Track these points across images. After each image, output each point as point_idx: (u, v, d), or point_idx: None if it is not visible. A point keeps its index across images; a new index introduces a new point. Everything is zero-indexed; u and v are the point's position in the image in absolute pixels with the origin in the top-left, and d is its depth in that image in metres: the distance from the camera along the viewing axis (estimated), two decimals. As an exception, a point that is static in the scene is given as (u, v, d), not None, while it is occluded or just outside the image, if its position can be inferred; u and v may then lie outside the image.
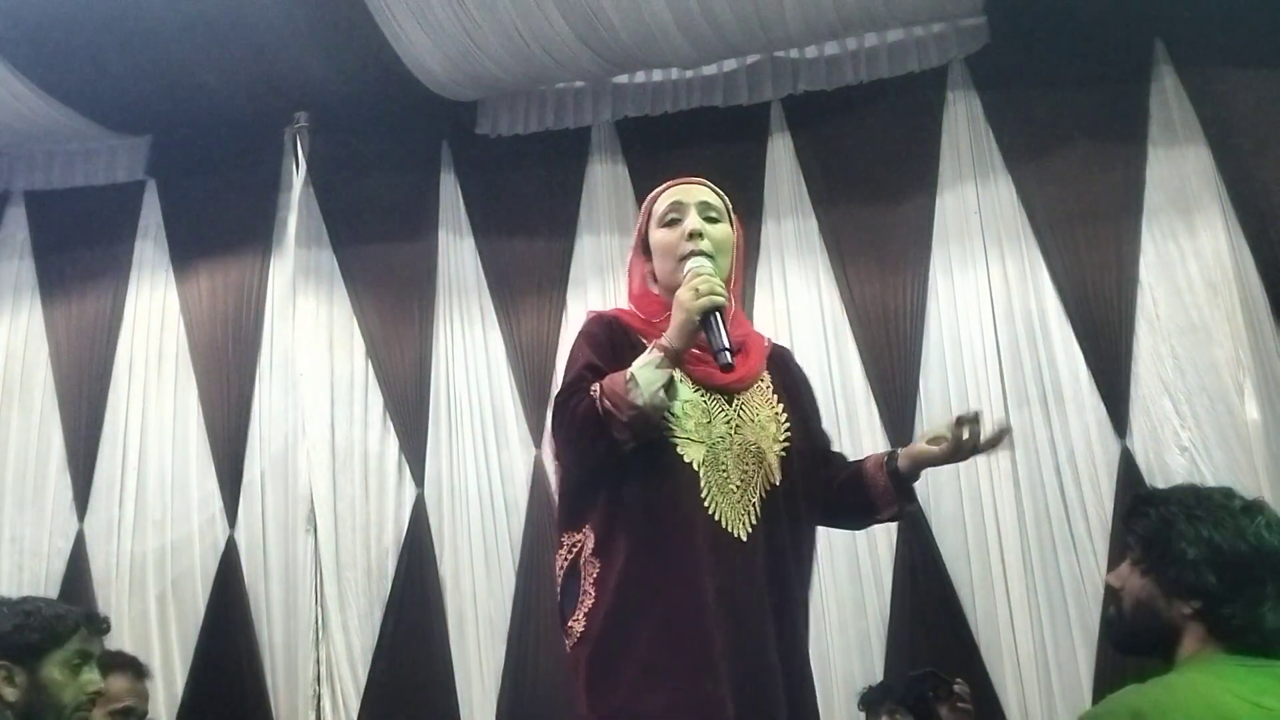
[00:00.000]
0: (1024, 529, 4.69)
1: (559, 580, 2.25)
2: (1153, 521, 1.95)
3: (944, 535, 4.78)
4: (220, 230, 5.70)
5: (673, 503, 2.17)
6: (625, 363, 2.19)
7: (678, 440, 2.20)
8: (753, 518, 2.20)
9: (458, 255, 5.58)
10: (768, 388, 2.38)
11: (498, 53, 5.07)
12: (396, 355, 5.47)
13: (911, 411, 4.91)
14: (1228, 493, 1.98)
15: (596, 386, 2.14)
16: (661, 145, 5.39)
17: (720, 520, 2.17)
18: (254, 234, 5.69)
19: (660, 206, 2.39)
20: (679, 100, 5.51)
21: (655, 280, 2.39)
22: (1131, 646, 1.98)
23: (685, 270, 2.25)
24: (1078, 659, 4.52)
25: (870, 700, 4.08)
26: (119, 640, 5.19)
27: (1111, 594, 2.03)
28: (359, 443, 5.37)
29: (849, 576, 4.83)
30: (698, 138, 5.38)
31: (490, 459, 5.28)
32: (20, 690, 2.34)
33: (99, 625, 2.66)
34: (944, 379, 4.94)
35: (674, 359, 2.15)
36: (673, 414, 2.19)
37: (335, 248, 5.62)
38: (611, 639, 2.11)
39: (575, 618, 2.17)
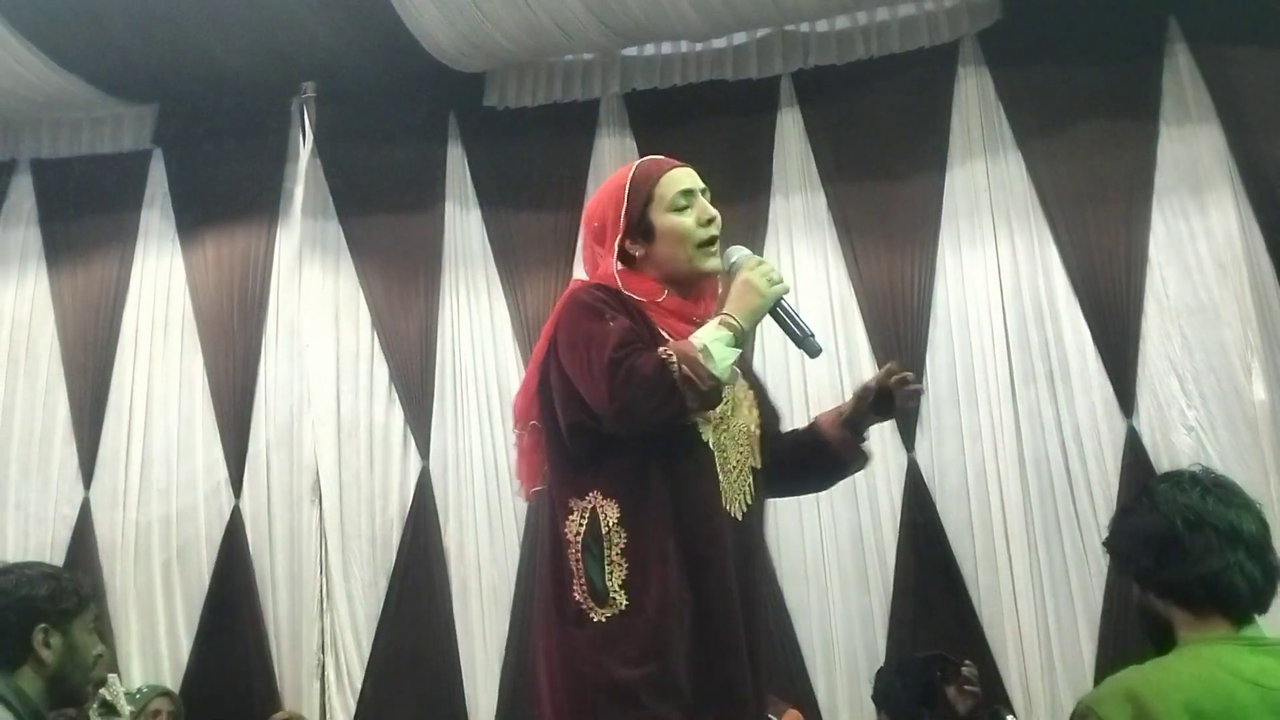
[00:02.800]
0: (1029, 506, 4.70)
1: (571, 545, 2.18)
2: (1110, 539, 2.05)
3: (948, 511, 4.79)
4: (226, 200, 5.69)
5: (697, 483, 2.18)
6: (642, 338, 2.17)
7: (698, 420, 2.19)
8: (747, 498, 2.24)
9: (464, 227, 5.57)
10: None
11: (506, 24, 5.04)
12: (402, 327, 5.46)
13: (918, 389, 4.90)
14: (1164, 475, 2.07)
15: (668, 351, 2.09)
16: (670, 118, 5.36)
17: (724, 501, 2.20)
18: (260, 204, 5.68)
19: (666, 190, 2.32)
20: (688, 73, 5.47)
21: (647, 264, 2.31)
22: (1156, 646, 2.01)
23: (731, 259, 2.28)
24: (1080, 634, 4.54)
25: (879, 696, 4.11)
26: (124, 608, 5.24)
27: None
28: (364, 414, 5.38)
29: (852, 550, 4.85)
30: (706, 111, 5.35)
31: (495, 431, 5.29)
32: (55, 653, 2.37)
33: (98, 591, 2.70)
34: (951, 356, 4.93)
35: (741, 340, 2.15)
36: None
37: (341, 218, 5.61)
38: (668, 615, 2.10)
39: (613, 587, 2.13)
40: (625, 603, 2.11)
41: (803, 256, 5.18)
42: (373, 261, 5.56)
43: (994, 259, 4.96)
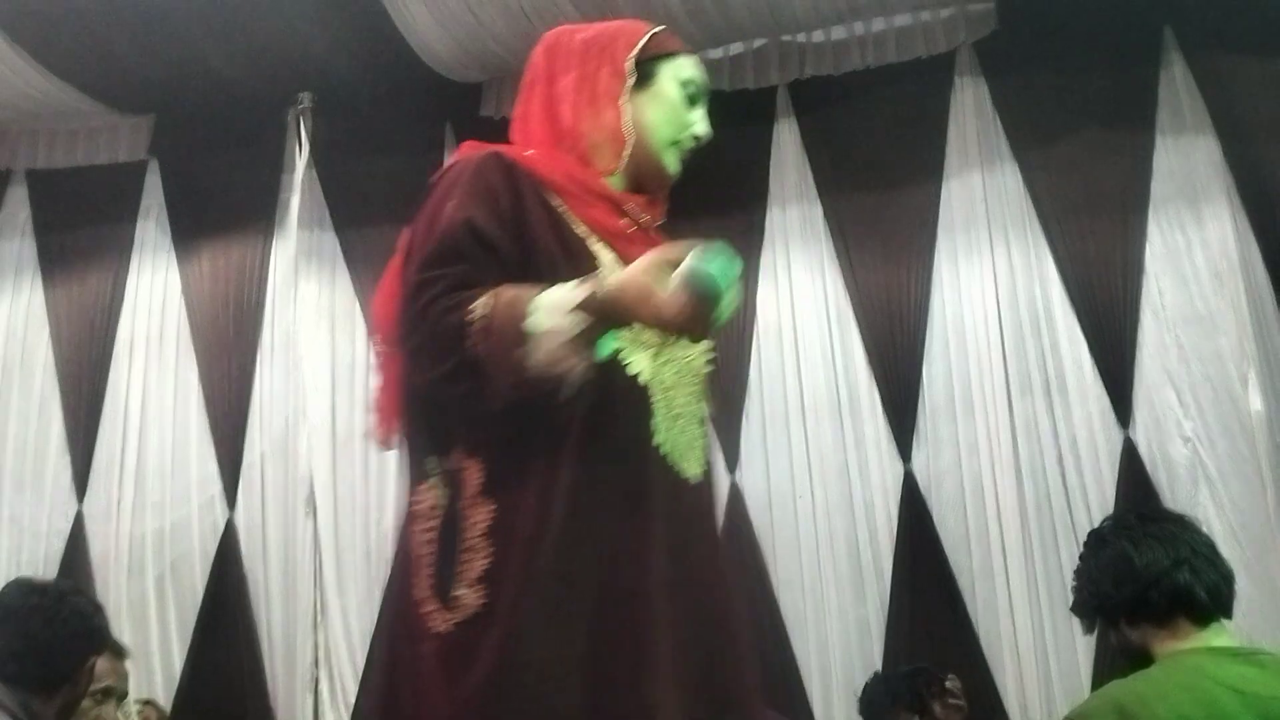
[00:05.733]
0: (1025, 518, 4.69)
1: (423, 521, 1.60)
2: (1076, 600, 2.14)
3: (945, 523, 4.77)
4: (222, 211, 5.69)
5: (613, 428, 1.59)
6: (528, 240, 1.61)
7: (623, 343, 1.60)
8: (702, 454, 1.70)
9: (460, 238, 5.55)
10: None
11: (503, 33, 5.04)
12: (398, 339, 5.44)
13: (914, 399, 4.90)
14: (1110, 516, 2.25)
15: (481, 307, 1.48)
16: (666, 128, 5.35)
17: (667, 455, 1.63)
18: (256, 215, 5.67)
19: (686, 69, 1.85)
20: (684, 83, 5.47)
21: (588, 115, 1.81)
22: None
23: (696, 269, 1.44)
24: (1076, 648, 4.51)
25: (864, 712, 4.09)
26: (117, 622, 5.20)
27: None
28: (360, 426, 5.35)
29: (849, 563, 4.83)
30: (703, 122, 5.34)
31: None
32: (84, 683, 2.38)
33: None
34: (947, 367, 4.92)
35: (602, 325, 1.49)
36: None
37: (338, 229, 5.60)
38: (539, 616, 1.50)
39: (460, 586, 1.52)
40: (478, 604, 1.51)
41: (799, 267, 5.17)
42: (369, 273, 5.54)
43: (990, 269, 4.95)
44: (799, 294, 5.13)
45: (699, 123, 1.84)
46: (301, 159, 5.63)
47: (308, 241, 5.56)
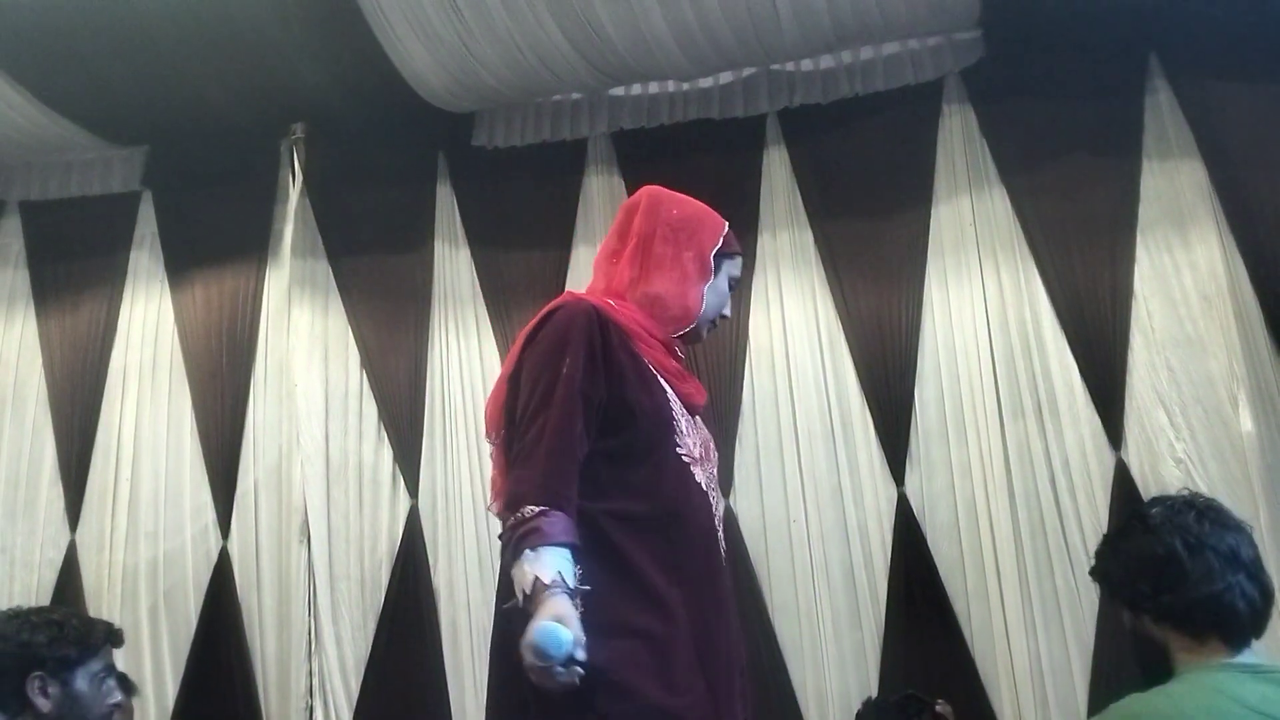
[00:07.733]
0: (1019, 541, 4.69)
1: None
2: (1098, 565, 2.07)
3: (939, 547, 4.78)
4: (216, 241, 5.70)
5: (699, 525, 2.19)
6: (616, 374, 2.15)
7: (694, 469, 2.21)
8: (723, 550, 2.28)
9: (453, 266, 5.57)
10: None
11: (494, 64, 5.08)
12: (391, 366, 5.46)
13: (906, 423, 4.91)
14: (1155, 500, 2.08)
15: (529, 511, 1.97)
16: (657, 157, 5.40)
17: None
18: (249, 244, 5.68)
19: (736, 268, 2.46)
20: (675, 112, 5.51)
21: (675, 294, 2.34)
22: (1150, 675, 1.99)
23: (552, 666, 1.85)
24: (1073, 671, 4.52)
25: None
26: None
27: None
28: (353, 454, 5.36)
29: (844, 588, 4.83)
30: (693, 150, 5.39)
31: (485, 471, 5.24)
32: (53, 702, 2.34)
33: (118, 639, 2.66)
34: (939, 390, 4.94)
35: (535, 594, 1.93)
36: (679, 429, 2.21)
37: (331, 258, 5.61)
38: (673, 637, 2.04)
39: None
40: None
41: (790, 292, 5.20)
42: (362, 301, 5.56)
43: (980, 293, 4.98)
44: (790, 319, 5.15)
45: (728, 306, 2.44)
46: (295, 189, 5.64)
47: (301, 270, 5.57)
